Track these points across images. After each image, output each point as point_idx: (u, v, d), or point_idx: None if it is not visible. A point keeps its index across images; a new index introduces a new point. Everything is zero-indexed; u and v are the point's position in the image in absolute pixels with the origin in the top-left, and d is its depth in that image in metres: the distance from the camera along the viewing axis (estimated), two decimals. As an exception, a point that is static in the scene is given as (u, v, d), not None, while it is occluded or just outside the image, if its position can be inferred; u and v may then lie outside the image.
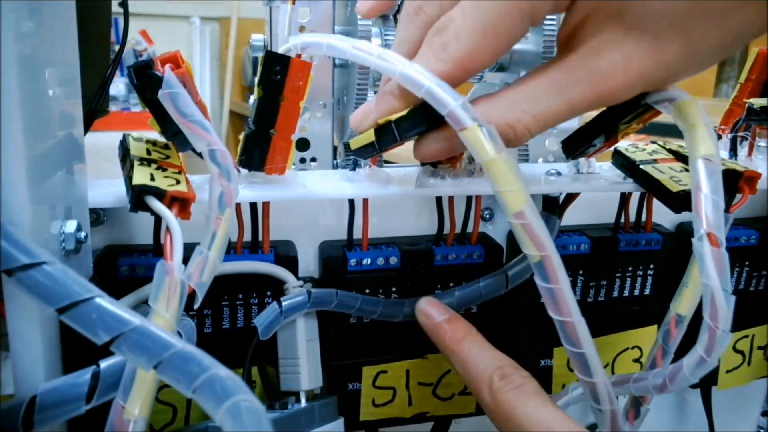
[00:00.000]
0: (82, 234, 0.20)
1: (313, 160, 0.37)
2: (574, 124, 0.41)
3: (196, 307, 0.20)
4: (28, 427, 0.16)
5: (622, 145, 0.32)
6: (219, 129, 3.11)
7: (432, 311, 0.28)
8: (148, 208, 0.21)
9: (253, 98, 0.28)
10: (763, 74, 0.36)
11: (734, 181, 0.27)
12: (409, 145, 0.34)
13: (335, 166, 0.39)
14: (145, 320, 0.16)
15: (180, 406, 0.28)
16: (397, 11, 0.42)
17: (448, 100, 0.22)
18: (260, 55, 0.39)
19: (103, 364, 0.18)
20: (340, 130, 0.42)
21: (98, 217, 0.27)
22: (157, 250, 0.27)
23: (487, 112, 0.23)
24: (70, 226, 0.19)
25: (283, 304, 0.27)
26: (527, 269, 0.30)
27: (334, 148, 0.39)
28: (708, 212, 0.22)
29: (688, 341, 0.25)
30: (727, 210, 0.27)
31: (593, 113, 0.28)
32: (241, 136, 0.28)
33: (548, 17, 0.39)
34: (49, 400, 0.17)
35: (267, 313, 0.27)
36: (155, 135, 0.27)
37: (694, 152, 0.23)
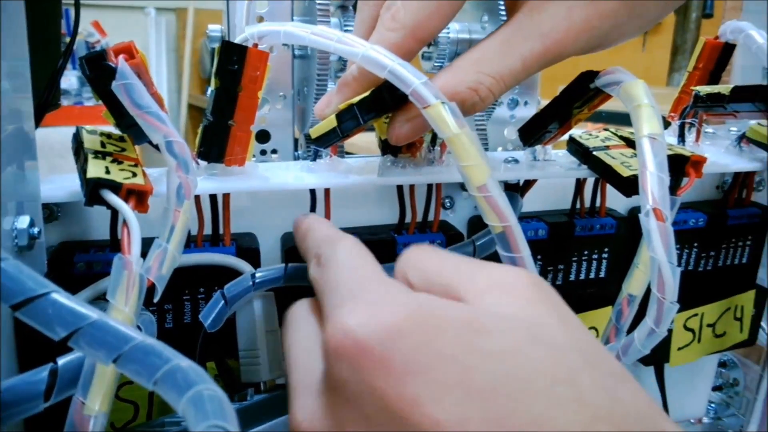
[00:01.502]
0: (35, 230, 0.20)
1: (274, 152, 0.37)
2: (531, 111, 0.42)
3: (156, 300, 0.20)
4: (-18, 427, 0.16)
5: (576, 132, 0.32)
6: (177, 122, 3.06)
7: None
8: (103, 202, 0.21)
9: (210, 89, 0.27)
10: (710, 63, 0.37)
11: (681, 166, 0.28)
12: (370, 135, 0.35)
13: (296, 158, 0.39)
14: (103, 314, 0.15)
15: (142, 404, 0.27)
16: (356, 3, 0.42)
17: (411, 79, 0.22)
18: (217, 46, 0.39)
19: (61, 360, 0.18)
20: (301, 122, 0.42)
21: (52, 212, 0.27)
22: (114, 245, 0.26)
23: (448, 80, 0.24)
24: (23, 222, 0.19)
25: (226, 290, 0.26)
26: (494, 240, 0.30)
27: (295, 140, 0.39)
28: (653, 189, 0.23)
29: (640, 320, 0.26)
30: (674, 193, 0.28)
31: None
32: (199, 129, 0.27)
33: (505, 10, 0.40)
34: (6, 398, 0.16)
35: (211, 305, 0.26)
36: (110, 128, 0.26)
37: (639, 131, 0.24)
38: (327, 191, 0.29)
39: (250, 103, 0.27)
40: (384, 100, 0.24)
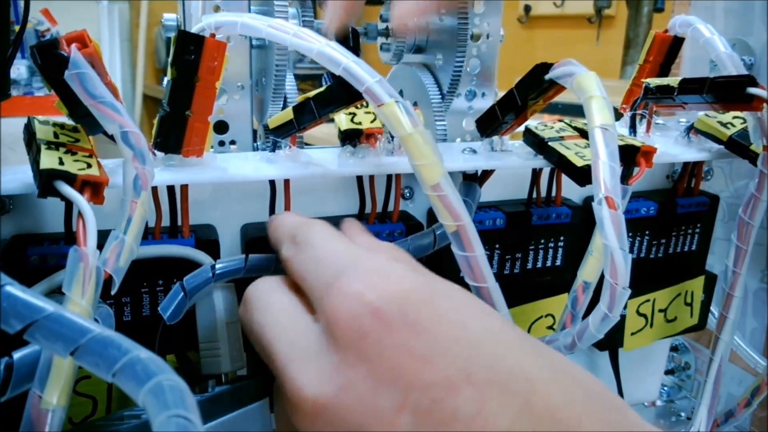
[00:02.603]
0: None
1: (233, 143, 0.37)
2: (488, 102, 0.42)
3: (113, 292, 0.19)
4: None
5: (533, 123, 0.33)
6: (132, 113, 2.98)
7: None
8: (57, 194, 0.20)
9: (167, 79, 0.27)
10: (660, 56, 0.38)
11: (632, 156, 0.29)
12: (329, 127, 0.35)
13: (255, 149, 0.39)
14: (59, 307, 0.15)
15: (100, 398, 0.27)
16: (314, -8, 0.42)
17: (366, 77, 0.23)
18: (173, 35, 0.38)
19: (16, 354, 0.17)
20: (260, 112, 0.42)
21: (3, 205, 0.26)
22: (68, 237, 0.26)
23: None
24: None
25: (185, 282, 0.26)
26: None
27: (254, 131, 0.39)
28: (606, 178, 0.24)
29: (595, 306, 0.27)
30: (625, 183, 0.29)
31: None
32: (156, 119, 0.27)
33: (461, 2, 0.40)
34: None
35: (170, 297, 0.26)
36: (63, 119, 0.26)
37: (591, 122, 0.25)
38: (287, 182, 0.28)
39: (208, 93, 0.27)
40: (339, 96, 0.24)
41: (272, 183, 0.29)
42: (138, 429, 0.20)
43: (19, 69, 2.71)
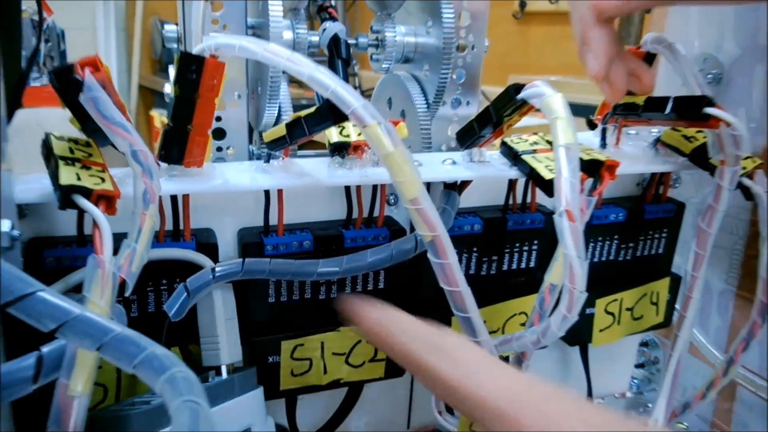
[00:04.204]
0: (16, 232, 0.22)
1: (230, 148, 0.39)
2: (473, 110, 0.45)
3: (127, 294, 0.22)
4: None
5: (509, 137, 0.36)
6: (128, 103, 2.99)
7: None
8: (75, 206, 0.23)
9: (170, 96, 0.29)
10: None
11: (597, 169, 0.32)
12: (320, 136, 0.37)
13: (251, 152, 0.41)
14: (85, 309, 0.18)
15: (110, 386, 0.30)
16: (308, 6, 0.45)
17: (351, 101, 0.25)
18: (174, 45, 0.41)
19: (45, 348, 0.20)
20: (255, 119, 0.44)
21: (21, 211, 0.29)
22: (80, 241, 0.28)
23: None
24: (5, 225, 0.21)
25: (188, 283, 0.29)
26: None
27: (250, 135, 0.41)
28: (566, 193, 0.26)
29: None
30: (590, 194, 0.32)
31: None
32: (161, 132, 0.29)
33: (447, 15, 0.42)
34: (3, 380, 0.19)
35: (175, 297, 0.28)
36: (67, 128, 0.28)
37: (556, 141, 0.27)
38: (280, 191, 0.31)
39: (208, 109, 0.29)
40: (328, 116, 0.26)
41: (267, 192, 0.31)
42: (154, 411, 0.23)
43: (14, 59, 2.70)
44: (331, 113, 0.26)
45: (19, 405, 0.22)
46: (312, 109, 0.28)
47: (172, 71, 0.40)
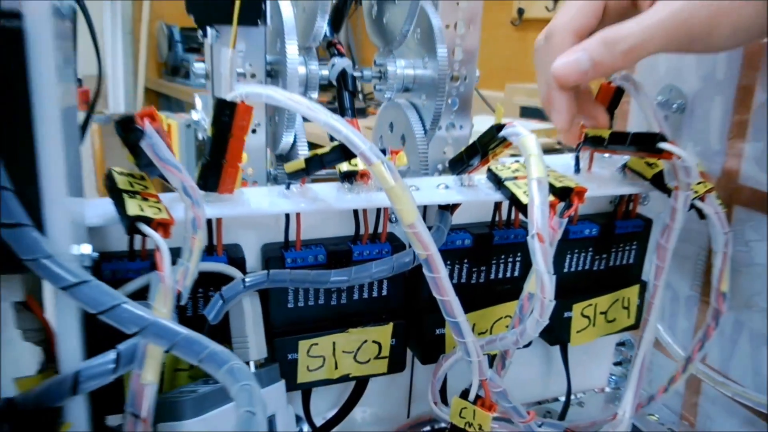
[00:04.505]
0: (95, 254, 0.27)
1: (249, 168, 0.45)
2: (465, 132, 0.50)
3: (182, 303, 0.28)
4: (75, 392, 0.24)
5: (494, 164, 0.41)
6: (134, 106, 3.04)
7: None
8: (140, 232, 0.28)
9: (207, 135, 0.35)
10: (605, 102, 0.46)
11: (568, 194, 0.37)
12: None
13: (268, 174, 0.47)
14: (157, 316, 0.23)
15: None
16: (318, 44, 0.50)
17: (360, 144, 0.31)
18: (202, 81, 0.47)
19: (121, 346, 0.25)
20: (273, 143, 0.50)
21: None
22: (131, 256, 0.34)
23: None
24: (86, 248, 0.26)
25: (223, 292, 0.34)
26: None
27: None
28: (537, 218, 0.32)
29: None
30: (561, 216, 0.37)
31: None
32: (199, 165, 0.35)
33: (441, 52, 0.48)
34: (87, 373, 0.24)
35: (212, 304, 0.34)
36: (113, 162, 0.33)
37: (530, 175, 0.33)
38: (298, 214, 0.37)
39: (238, 145, 0.35)
40: (340, 155, 0.32)
41: (287, 214, 0.37)
42: (200, 397, 0.28)
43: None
44: (343, 153, 0.32)
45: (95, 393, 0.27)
46: (327, 148, 0.33)
47: (198, 101, 0.46)
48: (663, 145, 0.37)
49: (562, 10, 0.37)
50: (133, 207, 0.29)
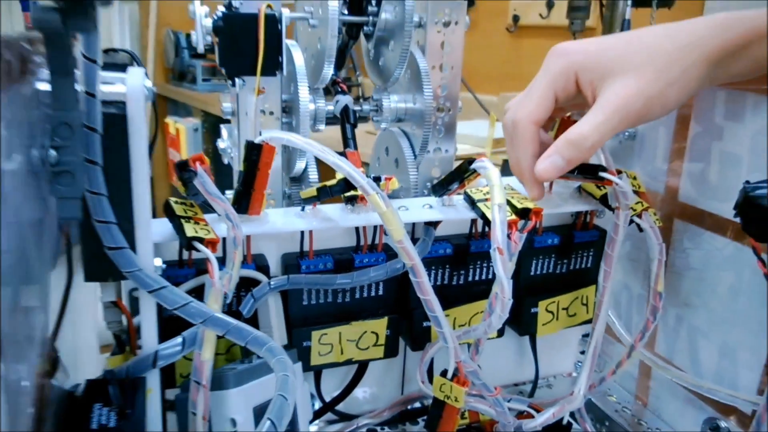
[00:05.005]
0: (163, 265, 0.36)
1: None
2: (451, 155, 0.59)
3: (228, 302, 0.37)
4: (154, 366, 0.33)
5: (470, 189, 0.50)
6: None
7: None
8: (195, 248, 0.38)
9: (239, 170, 0.44)
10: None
11: (528, 214, 0.46)
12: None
13: (284, 193, 0.56)
14: (214, 311, 0.33)
15: (198, 361, 0.45)
16: (326, 85, 0.59)
17: (360, 180, 0.40)
18: (229, 117, 0.56)
19: (185, 333, 0.35)
20: (288, 167, 0.59)
21: (142, 245, 0.43)
22: (180, 263, 0.43)
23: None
24: (158, 261, 0.36)
25: (253, 292, 0.44)
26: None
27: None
28: (497, 236, 0.41)
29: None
30: (521, 231, 0.46)
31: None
32: (233, 192, 0.44)
33: (427, 90, 0.57)
34: (163, 353, 0.34)
35: (246, 302, 0.43)
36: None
37: (493, 200, 0.42)
38: (311, 231, 0.46)
39: (264, 177, 0.44)
40: (344, 187, 0.41)
41: (302, 231, 0.46)
42: (240, 372, 0.37)
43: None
44: (347, 185, 0.41)
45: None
46: (334, 181, 0.42)
47: (225, 131, 0.56)
48: (603, 174, 0.46)
49: (523, 101, 0.44)
50: (189, 230, 0.38)
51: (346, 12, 0.58)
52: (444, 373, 0.46)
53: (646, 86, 0.39)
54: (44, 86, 0.26)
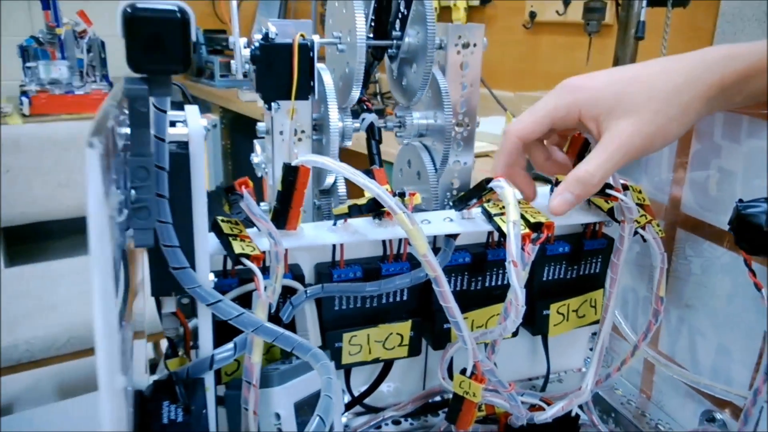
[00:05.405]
0: (215, 279, 0.41)
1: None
2: (469, 167, 0.64)
3: (272, 312, 0.42)
4: (211, 368, 0.38)
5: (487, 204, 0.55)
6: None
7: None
8: (241, 263, 0.43)
9: (278, 190, 0.49)
10: (575, 149, 0.59)
11: (540, 227, 0.51)
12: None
13: (314, 204, 0.61)
14: (263, 321, 0.38)
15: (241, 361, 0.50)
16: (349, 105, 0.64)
17: (387, 200, 0.44)
18: (264, 136, 0.61)
19: (236, 339, 0.40)
20: (317, 181, 0.64)
21: (192, 257, 0.49)
22: (224, 274, 0.48)
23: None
24: (211, 276, 0.41)
25: (292, 300, 0.49)
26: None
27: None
28: (512, 250, 0.45)
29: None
30: (534, 243, 0.51)
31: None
32: (272, 209, 0.49)
33: (447, 107, 0.61)
34: (218, 357, 0.39)
35: (285, 308, 0.48)
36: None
37: (508, 218, 0.46)
38: (342, 244, 0.51)
39: (300, 196, 0.49)
40: (373, 207, 0.46)
41: (334, 245, 0.51)
42: (283, 372, 0.43)
43: (60, 69, 2.93)
44: (375, 204, 0.46)
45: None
46: (364, 200, 0.47)
47: (258, 147, 0.61)
48: (609, 191, 0.50)
49: (522, 117, 0.50)
50: (237, 247, 0.43)
51: (371, 36, 0.62)
52: (463, 372, 0.51)
53: (645, 125, 0.43)
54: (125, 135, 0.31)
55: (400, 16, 0.61)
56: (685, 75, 0.44)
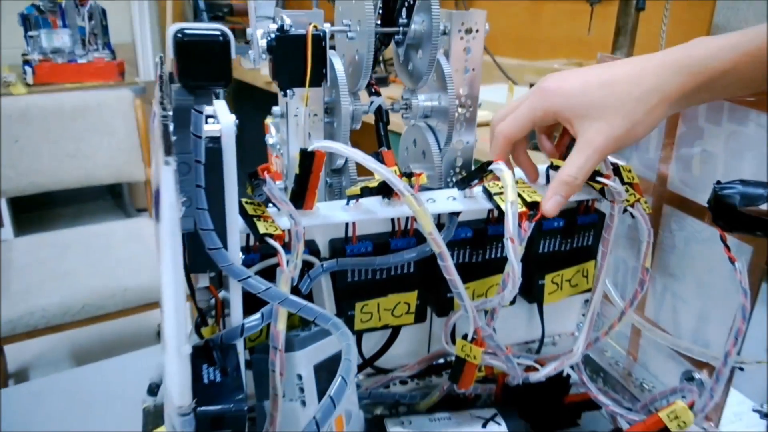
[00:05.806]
0: (243, 256, 0.46)
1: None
2: (471, 146, 0.68)
3: (294, 285, 0.47)
4: (241, 335, 0.44)
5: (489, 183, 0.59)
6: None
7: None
8: (265, 242, 0.47)
9: (296, 173, 0.53)
10: (565, 140, 0.63)
11: (537, 206, 0.55)
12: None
13: (326, 182, 0.65)
14: (288, 294, 0.43)
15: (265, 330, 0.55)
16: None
17: (396, 183, 0.49)
18: (279, 118, 0.65)
19: (263, 309, 0.45)
20: (330, 161, 0.68)
21: (217, 235, 0.53)
22: (247, 250, 0.53)
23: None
24: (240, 254, 0.46)
25: (310, 273, 0.54)
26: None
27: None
28: (510, 227, 0.50)
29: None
30: (530, 220, 0.55)
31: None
32: (290, 191, 0.53)
33: (451, 91, 0.65)
34: (247, 325, 0.44)
35: (304, 281, 0.53)
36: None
37: (506, 198, 0.51)
38: (354, 222, 0.55)
39: (316, 179, 0.53)
40: (383, 189, 0.50)
41: (347, 223, 0.56)
42: (304, 338, 0.48)
43: (63, 38, 2.94)
44: (385, 187, 0.50)
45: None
46: (375, 183, 0.52)
47: (272, 128, 0.65)
48: (599, 179, 0.55)
49: (506, 118, 0.57)
50: (261, 227, 0.48)
51: (379, 23, 0.66)
52: (465, 337, 0.56)
53: (616, 129, 0.50)
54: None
55: (406, 4, 0.64)
56: (652, 81, 0.49)
